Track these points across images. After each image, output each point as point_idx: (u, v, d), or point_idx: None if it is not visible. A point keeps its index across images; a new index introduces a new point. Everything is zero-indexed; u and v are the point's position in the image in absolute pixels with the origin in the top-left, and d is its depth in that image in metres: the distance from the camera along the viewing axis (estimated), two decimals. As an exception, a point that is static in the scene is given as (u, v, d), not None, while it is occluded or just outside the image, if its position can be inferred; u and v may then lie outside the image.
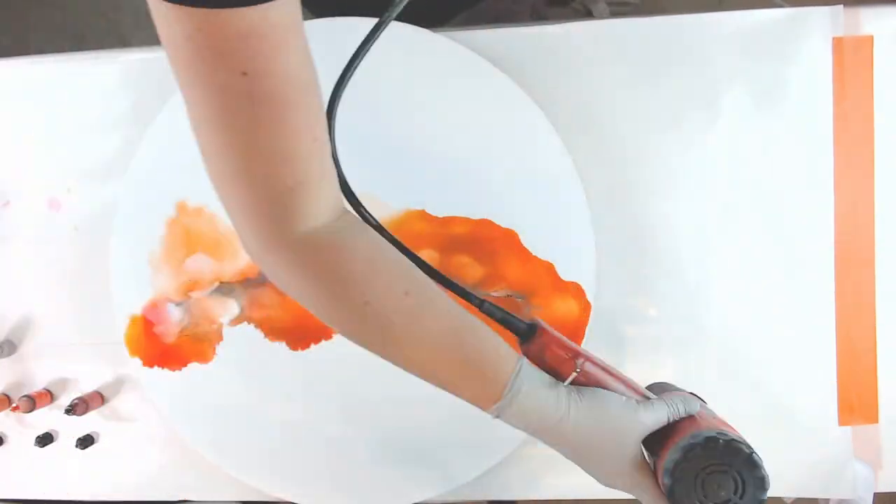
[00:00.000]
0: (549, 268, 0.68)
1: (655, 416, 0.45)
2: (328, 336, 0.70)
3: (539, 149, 0.68)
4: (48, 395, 0.77)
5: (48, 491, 0.79)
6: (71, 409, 0.72)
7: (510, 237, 0.68)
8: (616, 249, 0.70)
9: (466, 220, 0.68)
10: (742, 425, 0.71)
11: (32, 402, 0.74)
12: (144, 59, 0.74)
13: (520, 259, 0.68)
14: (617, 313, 0.71)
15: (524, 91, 0.68)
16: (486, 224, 0.68)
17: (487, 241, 0.68)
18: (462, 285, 0.48)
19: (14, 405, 0.75)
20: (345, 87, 0.49)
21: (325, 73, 0.70)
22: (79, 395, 0.75)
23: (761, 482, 0.40)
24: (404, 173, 0.69)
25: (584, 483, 0.73)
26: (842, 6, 0.66)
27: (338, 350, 0.70)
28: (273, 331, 0.71)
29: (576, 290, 0.68)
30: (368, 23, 0.69)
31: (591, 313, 0.68)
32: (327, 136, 0.42)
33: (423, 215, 0.69)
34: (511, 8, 1.34)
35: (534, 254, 0.68)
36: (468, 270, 0.68)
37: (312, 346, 0.71)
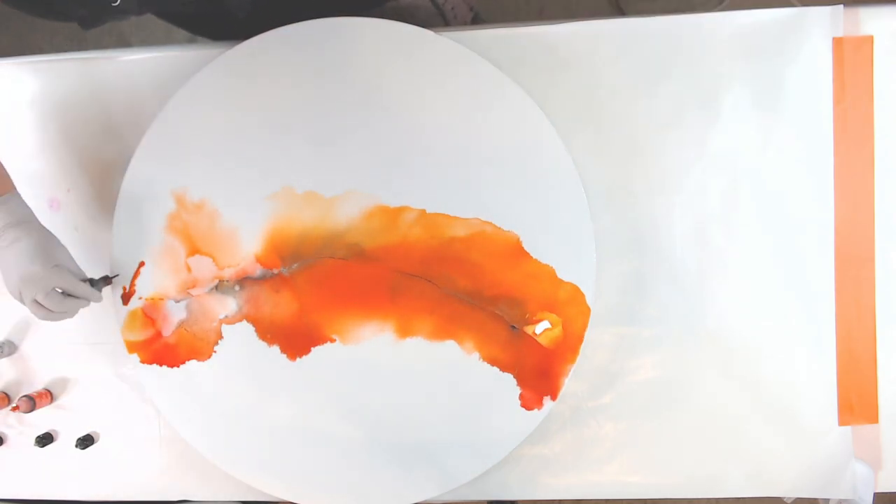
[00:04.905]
0: (549, 272, 0.68)
1: None
2: (326, 340, 0.70)
3: (539, 149, 0.68)
4: (48, 395, 0.77)
5: (48, 491, 0.79)
6: None
7: (511, 240, 0.68)
8: (616, 249, 0.70)
9: (467, 222, 0.68)
10: (742, 425, 0.71)
11: (32, 402, 0.74)
12: (144, 59, 0.74)
13: (520, 263, 0.68)
14: (617, 313, 0.71)
15: (524, 91, 0.68)
16: (487, 227, 0.68)
17: (488, 243, 0.68)
18: None
19: (14, 405, 0.75)
20: None
21: (325, 72, 0.70)
22: (79, 397, 0.75)
23: None
24: (405, 174, 0.69)
25: (583, 483, 0.74)
26: (842, 6, 0.66)
27: (338, 351, 0.70)
28: (270, 331, 0.71)
29: (575, 295, 0.68)
30: (370, 23, 0.69)
31: (591, 314, 0.68)
32: None
33: (423, 216, 0.69)
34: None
35: (534, 256, 0.68)
36: (468, 273, 0.68)
37: (312, 349, 0.71)
